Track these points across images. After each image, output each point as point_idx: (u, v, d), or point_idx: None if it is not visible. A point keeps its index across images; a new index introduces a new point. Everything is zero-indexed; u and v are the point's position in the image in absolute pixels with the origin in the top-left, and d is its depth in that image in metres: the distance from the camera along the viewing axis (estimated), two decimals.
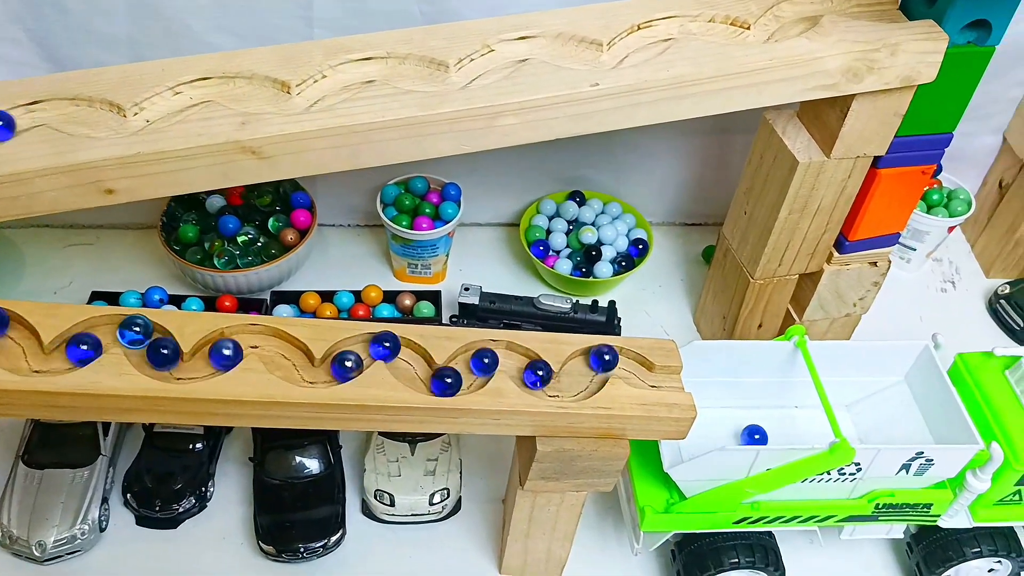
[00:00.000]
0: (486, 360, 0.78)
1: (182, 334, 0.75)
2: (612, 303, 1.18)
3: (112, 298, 1.13)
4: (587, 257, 1.26)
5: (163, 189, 0.76)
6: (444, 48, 0.82)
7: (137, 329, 0.72)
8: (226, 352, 0.74)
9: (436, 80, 0.80)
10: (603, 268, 1.24)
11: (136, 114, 0.76)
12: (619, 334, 1.18)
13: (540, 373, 0.78)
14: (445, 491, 1.01)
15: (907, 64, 0.85)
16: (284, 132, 0.75)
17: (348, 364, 0.74)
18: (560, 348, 0.82)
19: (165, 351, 0.73)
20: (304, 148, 0.76)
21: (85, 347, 0.72)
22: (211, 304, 1.13)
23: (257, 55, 0.81)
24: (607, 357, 0.80)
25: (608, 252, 1.26)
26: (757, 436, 0.94)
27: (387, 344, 0.76)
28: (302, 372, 0.76)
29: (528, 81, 0.80)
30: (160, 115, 0.76)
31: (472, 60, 0.82)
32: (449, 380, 0.74)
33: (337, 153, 0.77)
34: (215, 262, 1.15)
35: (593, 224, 1.30)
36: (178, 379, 0.74)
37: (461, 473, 1.05)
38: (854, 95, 0.87)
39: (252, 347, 0.76)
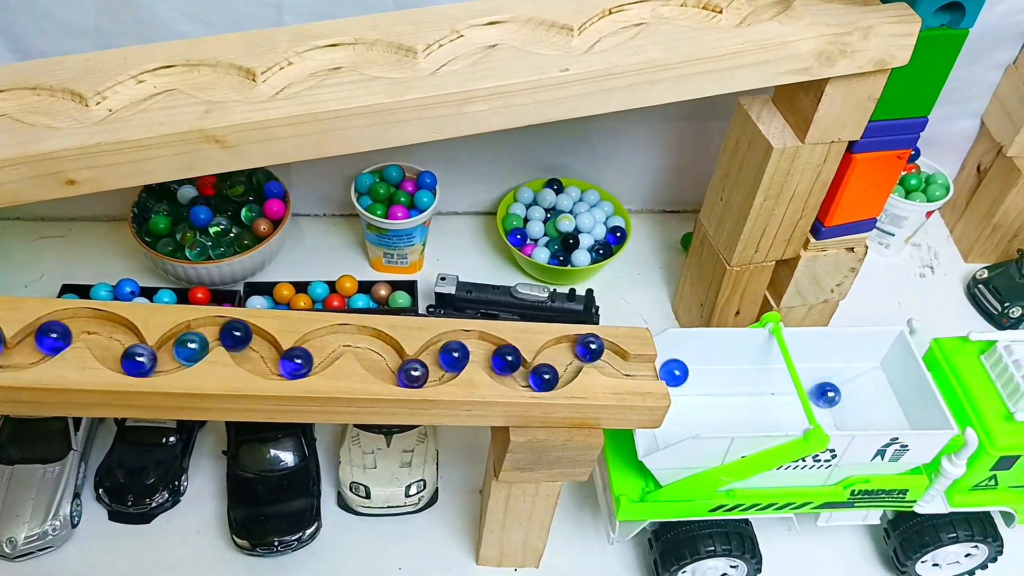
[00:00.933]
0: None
1: (147, 327, 0.74)
2: (590, 291, 1.17)
3: (83, 291, 1.11)
4: (565, 245, 1.25)
5: (126, 179, 0.75)
6: (412, 34, 0.80)
7: (55, 336, 0.71)
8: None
9: (404, 66, 0.79)
10: (581, 256, 1.23)
11: (98, 103, 0.75)
12: (597, 323, 1.17)
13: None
14: (421, 482, 1.01)
15: (880, 47, 0.84)
16: (248, 120, 0.74)
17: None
18: (533, 337, 0.81)
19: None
20: (269, 136, 0.75)
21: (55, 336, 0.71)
22: (184, 296, 1.12)
23: (222, 42, 0.80)
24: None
25: (586, 240, 1.25)
26: (831, 394, 0.96)
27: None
28: (271, 364, 0.75)
29: (497, 67, 0.79)
30: (123, 104, 0.75)
31: (441, 46, 0.80)
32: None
33: (303, 141, 0.76)
34: (187, 253, 1.13)
35: (571, 212, 1.29)
36: None
37: (438, 464, 1.04)
38: (827, 79, 0.86)
39: (218, 340, 0.75)
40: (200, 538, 0.99)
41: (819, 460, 0.85)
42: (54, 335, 0.71)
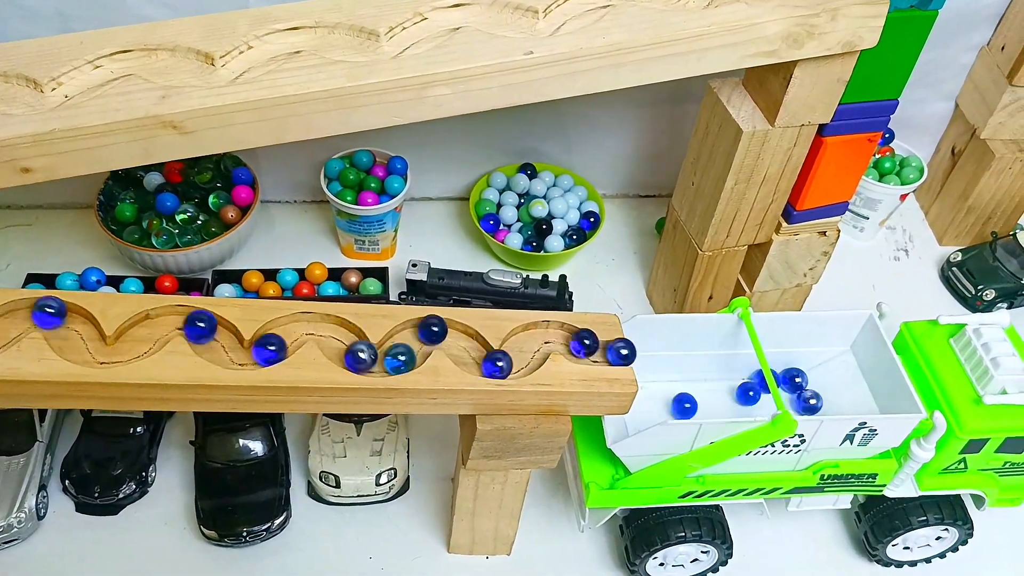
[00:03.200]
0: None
1: (105, 317, 0.73)
2: (563, 277, 1.16)
3: (49, 280, 1.10)
4: (538, 231, 1.24)
5: (82, 167, 0.74)
6: (375, 16, 0.79)
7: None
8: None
9: (366, 50, 0.77)
10: (554, 242, 1.23)
11: (54, 89, 0.73)
12: (571, 309, 1.16)
13: (500, 364, 0.76)
14: (392, 471, 1.00)
15: (848, 29, 0.83)
16: (205, 106, 0.72)
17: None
18: (500, 325, 0.80)
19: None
20: (227, 122, 0.74)
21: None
22: (150, 285, 1.10)
23: (180, 26, 0.78)
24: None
25: (559, 226, 1.24)
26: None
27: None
28: (231, 354, 0.74)
29: (460, 50, 0.77)
30: (79, 90, 0.73)
31: (404, 29, 0.79)
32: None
33: (262, 127, 0.75)
34: (153, 241, 1.12)
35: (544, 197, 1.28)
36: (101, 363, 0.71)
37: (409, 452, 1.03)
38: (796, 62, 0.86)
39: (178, 329, 0.74)
40: (168, 529, 0.98)
41: (788, 445, 0.85)
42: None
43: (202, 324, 0.73)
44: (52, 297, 0.72)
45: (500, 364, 0.75)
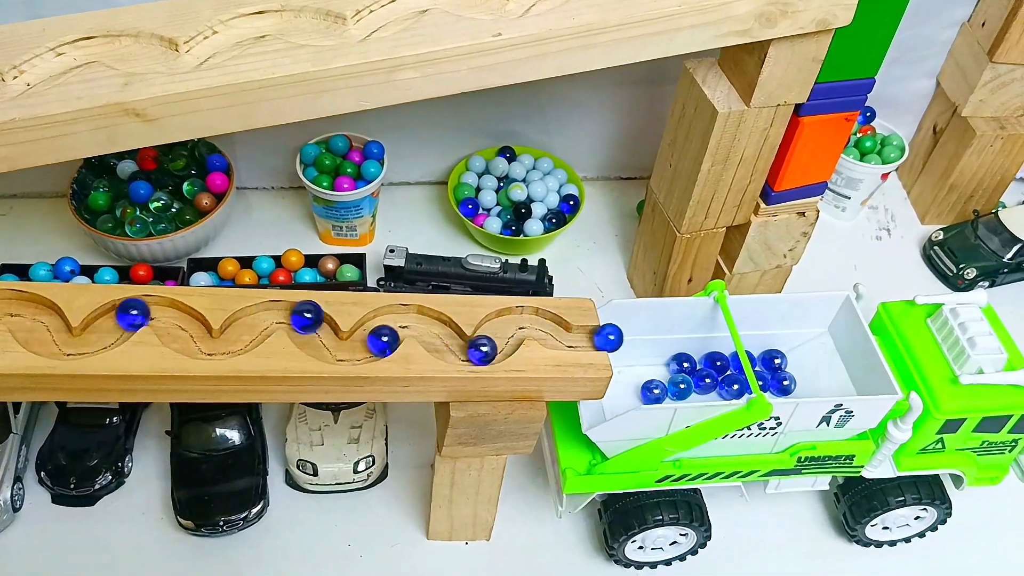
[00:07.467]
0: (384, 338, 0.75)
1: (71, 308, 0.72)
2: (542, 261, 1.15)
3: (22, 271, 1.08)
4: (517, 215, 1.23)
5: (45, 156, 0.72)
6: None
7: None
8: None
9: (333, 33, 0.76)
10: (533, 226, 1.22)
11: (15, 78, 0.72)
12: (551, 293, 1.16)
13: (484, 350, 0.75)
14: (370, 458, 0.99)
15: (822, 7, 0.82)
16: (168, 92, 0.71)
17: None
18: (473, 311, 0.79)
19: None
20: (192, 109, 0.72)
21: None
22: (125, 274, 1.09)
23: (143, 11, 0.77)
24: (485, 349, 0.76)
25: (538, 209, 1.23)
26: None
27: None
28: (200, 344, 0.73)
29: (428, 32, 0.76)
30: (41, 78, 0.72)
31: (371, 11, 0.78)
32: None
33: (228, 113, 0.74)
34: (127, 230, 1.10)
35: (523, 180, 1.27)
36: (68, 355, 0.70)
37: (387, 440, 1.03)
38: (770, 41, 0.85)
39: None
40: (145, 520, 0.97)
41: (764, 428, 0.85)
42: None
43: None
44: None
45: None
